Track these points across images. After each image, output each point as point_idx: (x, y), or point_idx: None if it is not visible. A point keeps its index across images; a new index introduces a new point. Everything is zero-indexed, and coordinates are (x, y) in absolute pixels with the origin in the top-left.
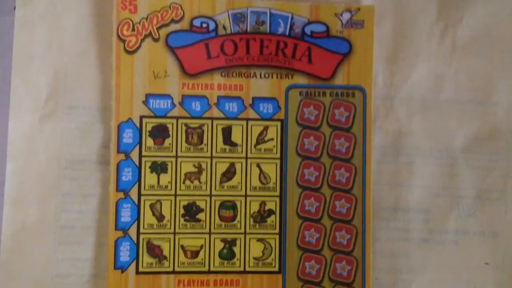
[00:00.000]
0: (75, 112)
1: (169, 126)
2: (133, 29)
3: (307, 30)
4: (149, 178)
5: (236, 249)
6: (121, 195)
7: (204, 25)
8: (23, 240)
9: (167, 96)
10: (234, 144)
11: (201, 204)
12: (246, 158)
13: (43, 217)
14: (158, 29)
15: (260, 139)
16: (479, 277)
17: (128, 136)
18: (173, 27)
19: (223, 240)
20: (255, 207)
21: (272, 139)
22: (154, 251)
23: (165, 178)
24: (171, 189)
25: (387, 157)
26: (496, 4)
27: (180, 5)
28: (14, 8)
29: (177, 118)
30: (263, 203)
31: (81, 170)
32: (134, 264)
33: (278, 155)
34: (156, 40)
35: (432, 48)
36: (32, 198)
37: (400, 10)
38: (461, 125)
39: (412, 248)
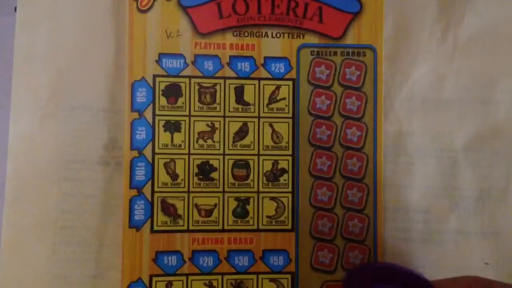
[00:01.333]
0: (75, 113)
1: (182, 85)
2: None
3: None
4: (163, 137)
5: (249, 208)
6: (135, 153)
7: None
8: (23, 240)
9: (180, 56)
10: (246, 104)
11: (215, 163)
12: (259, 117)
13: (43, 217)
14: None
15: (272, 99)
16: None
17: (141, 95)
18: None
19: (236, 199)
20: (267, 166)
21: (284, 98)
22: (168, 209)
23: (178, 137)
24: (184, 148)
25: (387, 157)
26: (498, 2)
27: None
28: (15, 9)
29: (190, 77)
30: (275, 162)
31: (81, 170)
32: (148, 222)
33: (290, 114)
34: None
35: (433, 47)
36: (32, 198)
37: (400, 9)
38: (462, 124)
39: (412, 248)
